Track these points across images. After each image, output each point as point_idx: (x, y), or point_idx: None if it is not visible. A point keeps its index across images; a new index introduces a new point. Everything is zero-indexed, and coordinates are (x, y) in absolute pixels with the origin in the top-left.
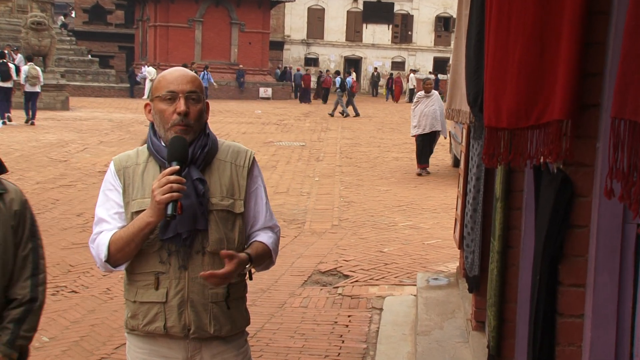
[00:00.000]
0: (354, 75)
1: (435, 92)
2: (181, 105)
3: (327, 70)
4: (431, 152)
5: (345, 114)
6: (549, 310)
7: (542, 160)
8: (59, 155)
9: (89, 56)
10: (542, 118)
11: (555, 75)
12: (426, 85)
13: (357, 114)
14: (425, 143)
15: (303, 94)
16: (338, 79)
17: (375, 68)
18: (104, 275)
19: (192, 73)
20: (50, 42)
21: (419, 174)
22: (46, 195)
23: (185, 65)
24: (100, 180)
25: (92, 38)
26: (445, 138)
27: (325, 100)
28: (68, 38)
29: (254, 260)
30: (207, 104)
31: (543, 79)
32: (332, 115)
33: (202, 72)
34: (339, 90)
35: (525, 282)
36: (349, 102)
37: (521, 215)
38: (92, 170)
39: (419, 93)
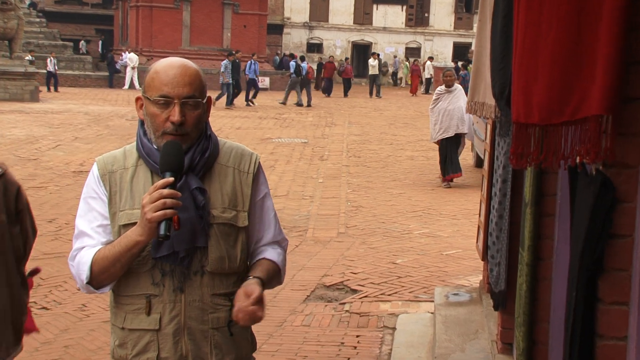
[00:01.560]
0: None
1: (458, 87)
2: (175, 114)
3: (347, 58)
4: (458, 157)
5: (299, 103)
6: (586, 331)
7: (578, 160)
8: (28, 153)
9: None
10: (578, 113)
11: (593, 64)
12: (446, 78)
13: (309, 104)
14: (452, 148)
15: (327, 86)
16: (292, 63)
17: (377, 54)
18: (79, 290)
19: (193, 69)
20: (17, 23)
21: (448, 187)
22: None
23: (230, 54)
24: (75, 181)
25: (64, 20)
26: (467, 141)
27: (346, 93)
28: (38, 19)
29: (266, 284)
30: (210, 99)
31: (580, 67)
32: (284, 103)
33: (248, 62)
34: (293, 75)
35: (558, 298)
36: (304, 90)
37: (554, 222)
38: (66, 170)
39: (438, 88)
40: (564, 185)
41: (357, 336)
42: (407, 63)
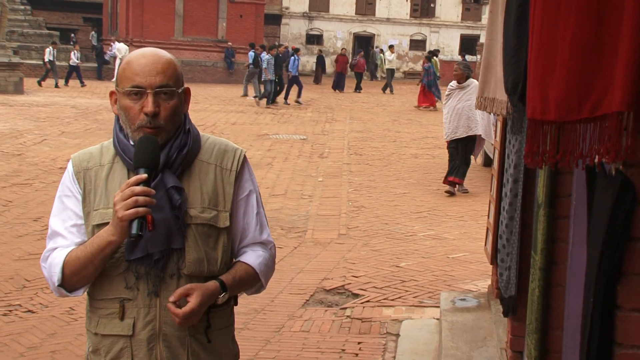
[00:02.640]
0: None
1: (473, 82)
2: (149, 104)
3: (361, 51)
4: (467, 163)
5: (257, 95)
6: (604, 339)
7: (596, 160)
8: (12, 148)
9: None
10: (598, 109)
11: (614, 57)
12: (456, 72)
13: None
14: (460, 150)
15: (338, 80)
16: (251, 54)
17: (372, 46)
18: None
19: (166, 57)
20: (0, 11)
21: (449, 192)
22: None
23: (272, 48)
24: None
25: (50, 7)
26: (492, 144)
27: (359, 88)
28: (22, 7)
29: (230, 288)
30: (188, 90)
31: (600, 61)
32: (245, 95)
33: (291, 57)
34: (251, 66)
35: (573, 305)
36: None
37: (568, 225)
38: (52, 166)
39: (451, 84)
40: (580, 186)
41: (359, 343)
42: (382, 55)
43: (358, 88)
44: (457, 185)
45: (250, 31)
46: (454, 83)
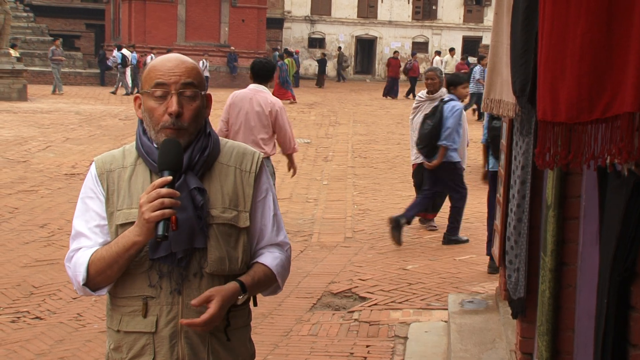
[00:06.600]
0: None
1: (444, 92)
2: (173, 104)
3: (415, 53)
4: (443, 193)
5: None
6: (618, 340)
7: (608, 160)
8: (17, 155)
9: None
10: (609, 110)
11: (625, 57)
12: (427, 81)
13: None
14: (432, 177)
15: (390, 85)
16: (119, 54)
17: (339, 47)
18: (74, 298)
19: (190, 61)
20: (3, 18)
21: (434, 228)
22: (2, 203)
23: (483, 58)
24: (67, 184)
25: (53, 14)
26: (463, 170)
27: (412, 92)
28: (25, 14)
29: (250, 289)
30: (209, 96)
31: (611, 61)
32: (114, 93)
33: (478, 67)
34: (120, 66)
35: (584, 306)
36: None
37: (578, 226)
38: (57, 172)
39: (419, 94)
40: (590, 187)
41: (367, 346)
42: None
43: (412, 92)
44: (427, 222)
45: (253, 35)
46: (423, 93)
